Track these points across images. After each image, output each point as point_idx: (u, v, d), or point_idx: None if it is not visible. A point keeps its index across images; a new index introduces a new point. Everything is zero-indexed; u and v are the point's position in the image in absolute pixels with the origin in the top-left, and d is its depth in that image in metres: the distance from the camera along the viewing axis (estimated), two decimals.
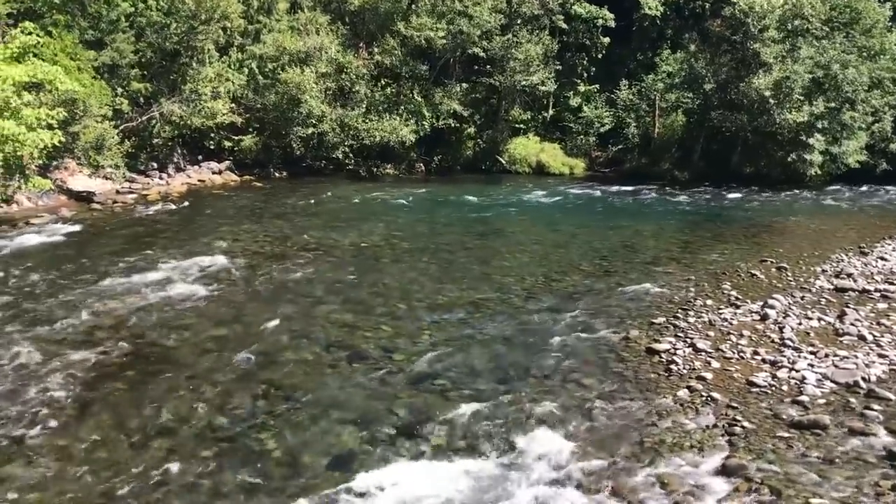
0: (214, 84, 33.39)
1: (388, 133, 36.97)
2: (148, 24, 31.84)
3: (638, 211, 30.66)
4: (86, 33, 29.74)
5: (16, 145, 21.82)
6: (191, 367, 12.75)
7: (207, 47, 33.26)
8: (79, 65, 28.33)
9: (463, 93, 40.72)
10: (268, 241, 22.02)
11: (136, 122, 31.42)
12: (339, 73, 37.75)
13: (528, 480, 9.36)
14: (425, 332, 14.62)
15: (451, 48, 39.49)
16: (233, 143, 35.27)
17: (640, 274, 19.19)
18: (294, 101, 35.08)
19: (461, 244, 22.97)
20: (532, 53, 39.84)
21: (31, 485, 9.15)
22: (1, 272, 17.68)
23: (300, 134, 35.72)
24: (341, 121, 36.72)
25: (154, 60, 32.24)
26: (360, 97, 37.75)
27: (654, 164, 41.64)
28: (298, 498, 8.89)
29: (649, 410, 11.23)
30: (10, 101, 21.51)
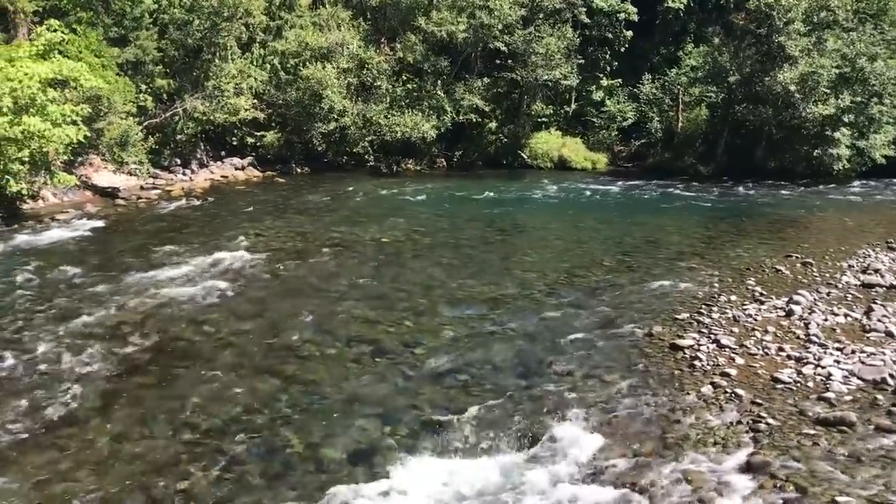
0: (237, 80, 33.55)
1: (409, 128, 36.95)
2: (171, 21, 32.05)
3: (661, 206, 30.44)
4: (110, 31, 29.98)
5: (42, 141, 22.08)
6: (215, 361, 12.83)
7: (230, 44, 33.41)
8: (103, 62, 28.57)
9: (484, 87, 40.61)
10: (290, 236, 22.11)
11: (160, 119, 31.64)
12: (360, 68, 37.80)
13: (551, 476, 9.33)
14: (447, 327, 14.61)
15: (472, 42, 39.38)
16: (255, 139, 35.43)
17: (664, 269, 19.05)
18: (316, 96, 35.17)
19: (483, 239, 22.92)
20: (554, 47, 39.64)
21: (58, 476, 9.26)
22: (28, 267, 17.89)
23: (322, 130, 35.81)
24: (363, 116, 36.77)
25: (177, 57, 32.44)
26: (381, 93, 37.78)
27: (677, 159, 41.31)
28: (322, 492, 8.92)
29: (673, 407, 11.14)
30: (35, 98, 21.74)
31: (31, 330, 13.83)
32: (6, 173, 21.64)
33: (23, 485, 9.04)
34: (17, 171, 22.00)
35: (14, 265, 18.12)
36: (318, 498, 8.83)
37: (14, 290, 16.24)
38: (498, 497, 8.94)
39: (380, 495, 8.90)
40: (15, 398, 11.19)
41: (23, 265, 18.09)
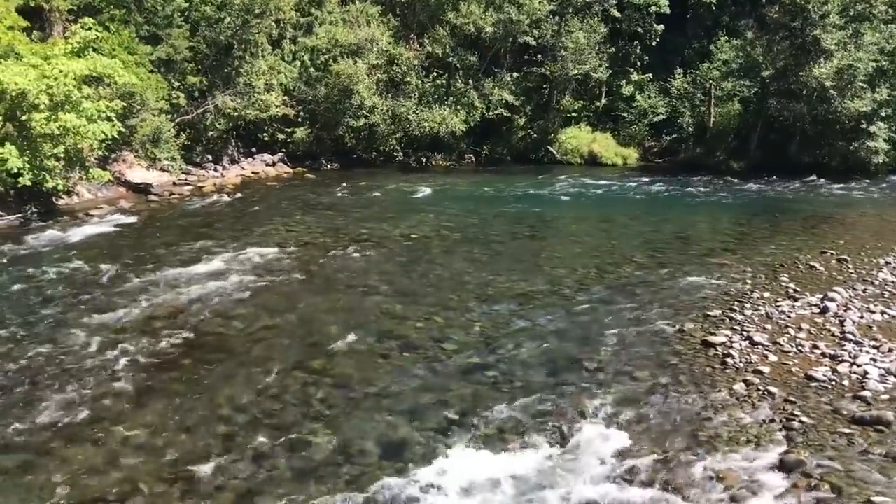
0: (267, 77, 33.77)
1: (438, 124, 36.95)
2: (202, 18, 32.30)
3: (692, 201, 30.15)
4: (142, 28, 30.30)
5: (76, 137, 22.41)
6: (245, 355, 12.95)
7: (261, 40, 33.61)
8: (136, 59, 28.89)
9: (513, 82, 40.46)
10: (320, 232, 22.22)
11: (192, 115, 31.93)
12: (389, 64, 37.85)
13: (580, 473, 9.29)
14: (476, 323, 14.60)
15: (501, 37, 39.25)
16: (285, 136, 35.64)
17: (695, 266, 18.87)
18: (346, 92, 35.28)
19: (511, 235, 22.86)
20: (583, 42, 39.38)
21: (91, 468, 9.40)
22: (63, 262, 18.17)
23: (351, 126, 35.93)
24: (392, 112, 36.83)
25: (208, 54, 32.71)
26: (410, 88, 37.80)
27: (709, 154, 40.83)
28: (352, 486, 8.97)
29: (704, 404, 11.04)
30: (71, 95, 22.06)
31: (66, 324, 14.05)
32: (42, 169, 21.98)
33: (61, 477, 9.19)
34: (53, 167, 22.34)
35: (50, 260, 18.41)
36: (348, 492, 8.86)
37: (50, 284, 16.51)
38: (527, 494, 8.91)
39: (409, 490, 8.91)
40: (52, 391, 11.38)
41: (58, 260, 18.38)
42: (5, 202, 22.72)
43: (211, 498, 8.84)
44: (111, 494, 8.91)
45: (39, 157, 21.87)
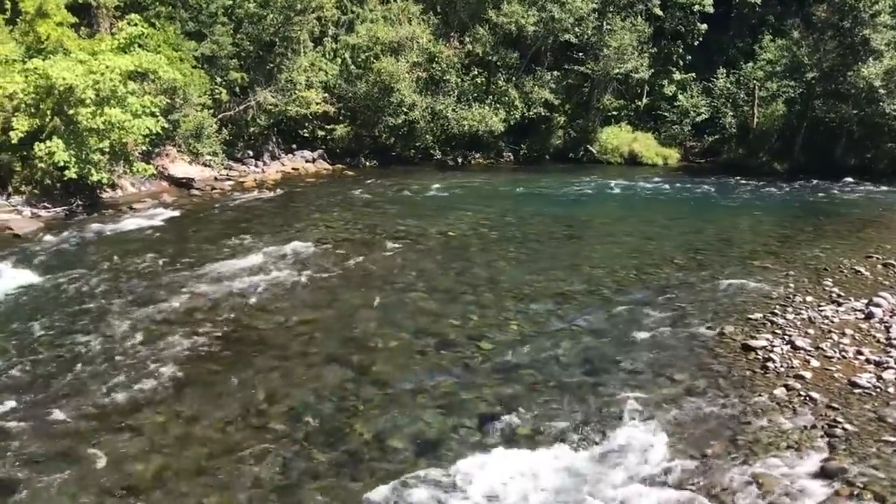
0: (308, 74, 34.04)
1: (477, 122, 36.91)
2: (245, 15, 32.65)
3: (734, 203, 29.69)
4: (186, 25, 30.73)
5: (121, 132, 22.84)
6: (283, 349, 13.08)
7: (302, 37, 33.89)
8: (180, 55, 29.33)
9: (554, 81, 40.25)
10: (358, 228, 22.33)
11: (234, 112, 32.30)
12: (429, 62, 37.90)
13: (617, 475, 9.22)
14: (512, 321, 14.56)
15: (542, 35, 39.06)
16: (325, 133, 35.88)
17: (736, 268, 18.59)
18: (386, 90, 35.41)
19: (549, 234, 22.74)
20: (626, 40, 39.03)
21: (132, 456, 9.57)
22: (107, 254, 18.53)
23: (390, 123, 36.06)
24: (431, 110, 36.87)
25: (251, 51, 33.06)
26: (450, 86, 37.81)
27: (751, 155, 40.21)
28: (387, 481, 9.00)
29: (744, 408, 10.88)
30: (116, 90, 22.48)
31: (109, 315, 14.32)
32: (88, 163, 22.42)
33: (102, 465, 9.37)
34: (98, 161, 22.77)
35: (94, 252, 18.78)
36: (382, 487, 8.90)
37: (94, 276, 16.82)
38: (562, 495, 8.87)
39: (444, 487, 8.93)
40: (94, 381, 11.61)
41: (102, 252, 18.74)
42: (52, 195, 23.23)
43: (247, 489, 8.94)
44: (149, 482, 9.07)
45: (85, 151, 22.32)
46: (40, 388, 11.34)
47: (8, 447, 9.67)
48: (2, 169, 22.62)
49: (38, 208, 22.66)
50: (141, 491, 8.91)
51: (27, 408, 10.72)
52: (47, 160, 21.72)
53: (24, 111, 22.20)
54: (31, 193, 22.86)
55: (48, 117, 22.48)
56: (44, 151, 21.61)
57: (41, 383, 11.52)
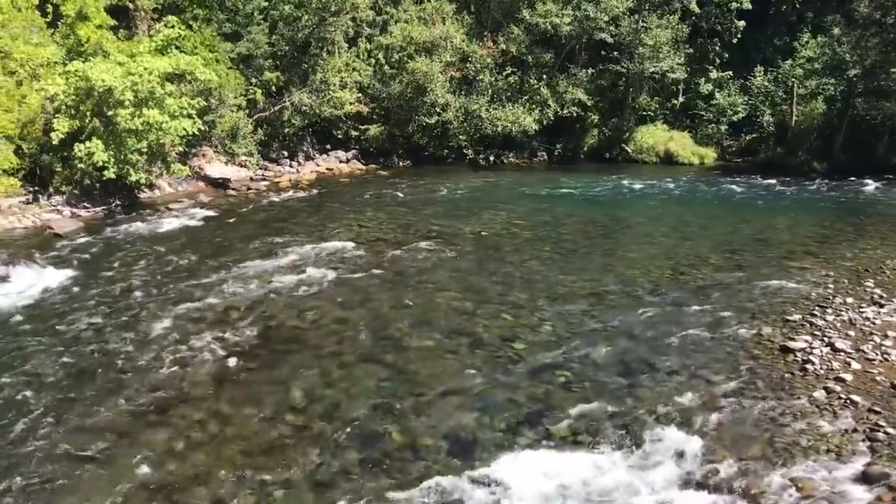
0: (343, 74, 34.21)
1: (510, 122, 36.80)
2: (280, 16, 32.91)
3: (772, 203, 29.24)
4: (223, 26, 31.05)
5: (159, 133, 23.16)
6: (318, 348, 13.15)
7: (337, 38, 34.05)
8: (216, 56, 29.64)
9: (588, 80, 39.99)
10: (391, 228, 22.38)
11: (269, 112, 32.57)
12: (463, 61, 37.87)
13: (653, 477, 9.13)
14: (546, 322, 14.49)
15: (576, 34, 38.81)
16: (359, 133, 36.03)
17: (774, 269, 18.30)
18: (420, 90, 35.45)
19: (584, 234, 22.60)
20: (662, 39, 38.63)
21: (170, 452, 9.70)
22: (145, 254, 18.79)
23: (423, 123, 36.08)
24: (465, 110, 36.83)
25: (286, 52, 33.30)
26: (484, 86, 37.75)
27: (790, 154, 39.56)
28: (420, 481, 9.01)
29: (782, 411, 10.71)
30: (154, 92, 22.79)
31: (147, 313, 14.52)
32: (126, 163, 22.76)
33: (139, 461, 9.50)
34: (136, 161, 23.10)
35: (132, 251, 19.05)
36: (416, 487, 8.91)
37: (132, 274, 17.08)
38: (597, 498, 8.80)
39: (477, 488, 8.90)
40: (133, 378, 11.78)
41: (140, 251, 19.00)
42: (91, 195, 23.63)
43: (283, 488, 9.00)
44: (187, 479, 9.17)
45: (124, 152, 22.67)
46: (80, 385, 11.54)
47: (49, 443, 9.85)
48: (43, 169, 23.05)
49: (78, 208, 23.06)
50: (177, 488, 9.01)
51: (67, 404, 10.91)
52: (87, 161, 22.10)
53: (64, 113, 22.60)
54: (71, 193, 23.27)
55: (88, 119, 22.87)
56: (83, 152, 22.00)
57: (81, 380, 11.72)
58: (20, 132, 22.55)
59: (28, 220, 21.59)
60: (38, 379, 11.72)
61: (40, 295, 15.57)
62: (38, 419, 10.46)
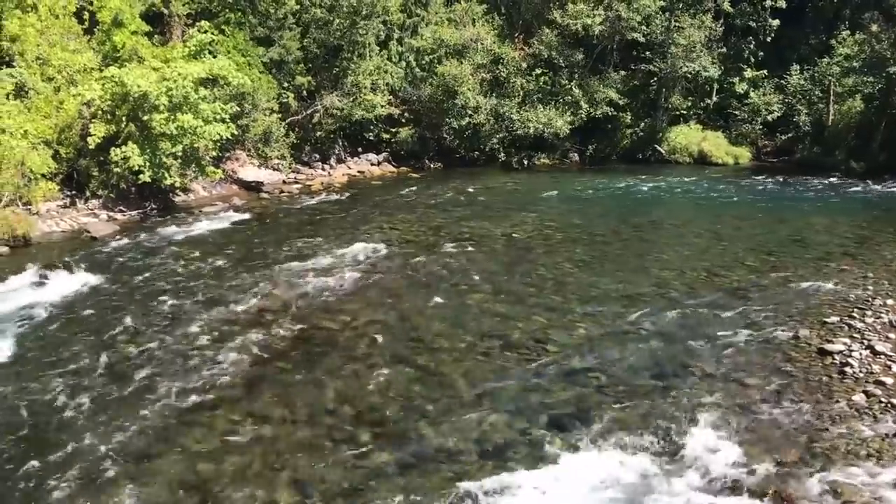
0: (374, 77, 34.32)
1: (542, 123, 36.64)
2: (312, 20, 33.11)
3: (808, 203, 28.78)
4: (255, 30, 31.32)
5: (193, 138, 23.44)
6: (350, 350, 13.20)
7: (368, 41, 34.18)
8: (249, 61, 29.91)
9: (620, 80, 39.70)
10: (423, 230, 22.40)
11: (301, 116, 32.79)
12: (494, 63, 37.80)
13: (688, 481, 9.02)
14: (579, 324, 14.39)
15: (608, 35, 38.56)
16: (390, 136, 36.13)
17: (811, 270, 17.99)
18: (450, 92, 35.46)
19: (617, 235, 22.42)
20: (695, 38, 38.24)
21: (203, 453, 9.79)
22: (180, 256, 19.01)
23: (454, 125, 36.07)
24: (496, 112, 36.75)
25: (318, 55, 33.50)
26: (515, 88, 37.64)
27: (827, 154, 38.89)
28: (453, 483, 8.99)
29: (820, 414, 10.53)
30: (189, 96, 23.06)
31: (182, 315, 14.68)
32: (161, 167, 23.06)
33: (174, 461, 9.61)
34: (171, 165, 23.39)
35: (167, 254, 19.28)
36: (449, 489, 8.89)
37: (167, 277, 17.29)
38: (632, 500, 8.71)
39: (510, 491, 8.86)
40: (169, 379, 11.92)
41: (175, 254, 19.22)
42: (127, 199, 23.97)
43: (315, 488, 9.04)
44: (222, 480, 9.25)
45: (158, 156, 22.97)
46: (117, 386, 11.69)
47: (85, 443, 9.99)
48: (80, 174, 23.43)
49: (114, 212, 23.40)
50: (212, 488, 9.09)
51: (104, 404, 11.07)
52: (122, 165, 22.43)
53: (100, 118, 22.99)
54: (107, 197, 23.61)
55: (123, 123, 23.22)
56: (119, 156, 22.33)
57: (118, 381, 11.88)
58: (58, 137, 22.94)
59: (66, 224, 21.97)
60: (77, 380, 11.91)
61: (78, 297, 15.83)
62: (75, 419, 10.64)
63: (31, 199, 21.63)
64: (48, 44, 24.14)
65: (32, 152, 21.67)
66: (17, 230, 19.79)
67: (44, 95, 23.25)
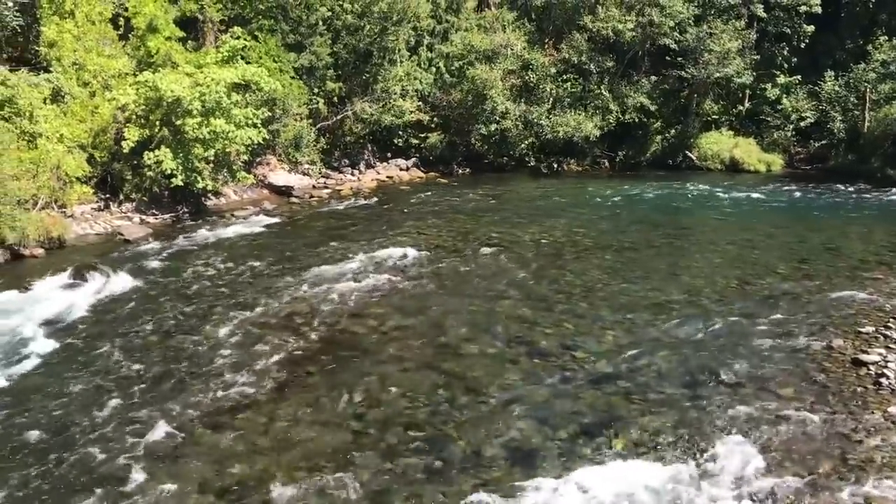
0: (403, 83, 34.45)
1: (572, 129, 36.50)
2: (343, 26, 33.33)
3: (842, 211, 28.34)
4: (287, 37, 31.58)
5: (225, 142, 23.69)
6: (379, 354, 13.23)
7: (398, 47, 34.34)
8: (280, 66, 30.18)
9: (651, 86, 39.46)
10: (451, 235, 22.40)
11: (331, 121, 33.01)
12: (524, 69, 37.75)
13: (718, 491, 8.92)
14: (608, 331, 14.29)
15: (639, 40, 38.35)
16: (419, 141, 36.22)
17: (845, 279, 17.71)
18: (479, 97, 35.47)
19: (647, 242, 22.24)
20: (727, 44, 37.87)
21: (232, 455, 9.86)
22: (211, 259, 19.20)
23: (482, 131, 36.07)
24: (525, 117, 36.69)
25: (348, 61, 33.71)
26: (545, 93, 37.55)
27: (862, 161, 38.28)
28: (480, 490, 8.96)
29: (855, 426, 10.35)
30: (221, 102, 23.32)
31: (213, 318, 14.82)
32: (193, 171, 23.33)
33: (206, 463, 9.69)
34: (203, 170, 23.66)
35: (199, 257, 19.48)
36: (476, 496, 8.87)
37: (199, 280, 17.47)
38: None
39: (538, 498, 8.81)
40: (198, 381, 12.03)
41: (207, 257, 19.42)
42: (160, 202, 24.26)
43: (343, 491, 9.06)
44: (249, 482, 9.31)
45: (191, 160, 23.27)
46: (147, 388, 11.83)
47: (116, 442, 10.10)
48: (114, 177, 23.79)
49: (147, 215, 23.71)
50: (240, 491, 9.15)
51: (134, 405, 11.20)
52: (156, 169, 22.74)
53: (134, 122, 23.35)
54: (140, 201, 23.93)
55: (157, 128, 23.54)
56: (152, 160, 22.66)
57: (148, 382, 12.02)
58: (92, 141, 23.32)
59: (100, 227, 22.30)
60: (108, 381, 12.07)
61: (110, 299, 16.05)
62: (106, 419, 10.77)
63: (66, 202, 22.00)
64: (84, 49, 24.54)
65: (68, 156, 22.06)
66: (53, 232, 20.12)
67: (79, 100, 23.65)
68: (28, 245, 19.40)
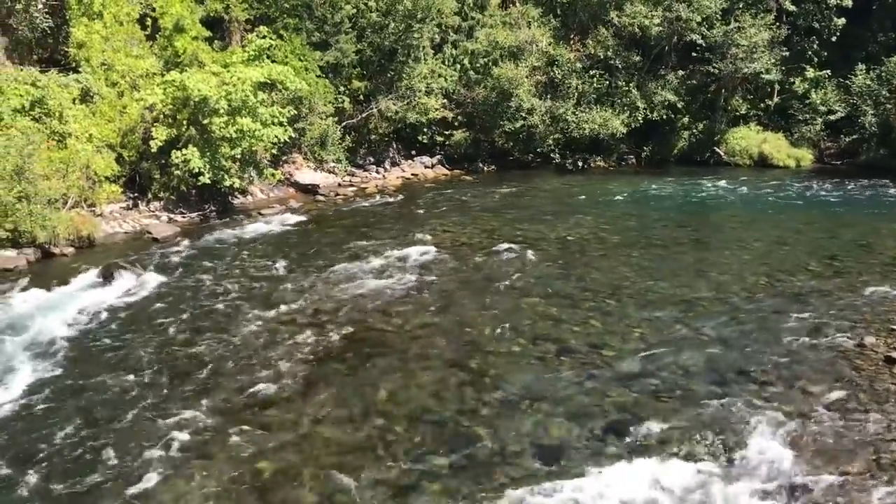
0: (428, 80, 34.43)
1: (598, 125, 36.28)
2: (368, 24, 33.39)
3: (874, 207, 27.89)
4: (312, 35, 31.68)
5: (252, 141, 23.84)
6: (404, 351, 13.24)
7: (423, 45, 34.32)
8: (306, 65, 30.29)
9: (678, 81, 39.09)
10: (476, 233, 22.35)
11: (356, 119, 33.09)
12: (549, 65, 37.58)
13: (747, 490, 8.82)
14: (636, 329, 14.18)
15: (666, 35, 38.00)
16: (444, 138, 36.19)
17: (877, 276, 17.42)
18: (504, 94, 35.36)
19: (674, 239, 22.05)
20: (756, 39, 37.41)
21: (261, 452, 9.92)
22: (238, 258, 19.34)
23: (508, 128, 35.96)
24: (551, 114, 36.53)
25: (373, 59, 33.78)
26: (570, 89, 37.34)
27: (894, 156, 37.68)
28: (507, 488, 8.94)
29: (888, 425, 10.19)
30: (247, 100, 23.46)
31: (240, 315, 14.92)
32: (220, 170, 23.51)
33: (233, 459, 9.75)
34: (230, 168, 23.84)
35: (226, 255, 19.61)
36: (503, 493, 8.84)
37: (226, 277, 17.59)
38: None
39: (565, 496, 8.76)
40: (226, 378, 12.11)
41: (234, 255, 19.55)
42: (187, 201, 24.46)
43: (369, 490, 9.06)
44: (274, 478, 9.36)
45: (218, 159, 23.45)
46: (175, 385, 11.93)
47: (144, 438, 10.20)
48: (142, 176, 24.02)
49: (175, 214, 23.92)
50: (267, 487, 9.19)
51: (162, 402, 11.30)
52: (183, 167, 22.93)
53: (162, 122, 23.56)
54: (168, 199, 24.14)
55: (184, 127, 23.74)
56: (180, 159, 22.85)
57: (176, 379, 12.12)
58: (121, 141, 23.54)
59: (128, 225, 22.53)
60: (137, 377, 12.18)
61: (139, 297, 16.20)
62: (135, 416, 10.87)
63: (95, 201, 22.24)
64: (112, 50, 24.79)
65: (97, 155, 22.29)
66: (82, 231, 20.35)
67: (108, 100, 23.90)
68: (58, 244, 19.64)
